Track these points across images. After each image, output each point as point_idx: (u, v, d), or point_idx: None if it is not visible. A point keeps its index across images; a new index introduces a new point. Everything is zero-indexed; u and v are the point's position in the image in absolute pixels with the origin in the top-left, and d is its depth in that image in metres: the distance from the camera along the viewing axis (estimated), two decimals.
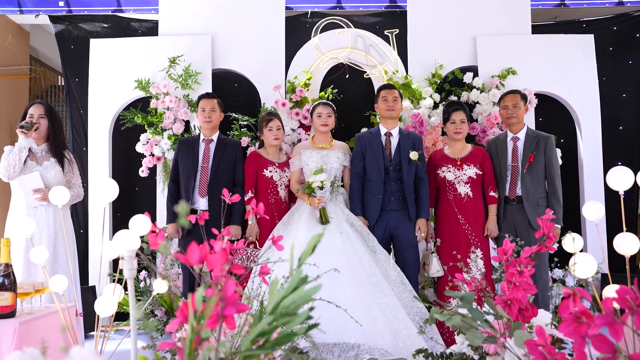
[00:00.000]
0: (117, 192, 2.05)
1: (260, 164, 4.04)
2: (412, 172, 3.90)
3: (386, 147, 3.95)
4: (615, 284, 1.73)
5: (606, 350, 1.08)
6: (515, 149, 3.96)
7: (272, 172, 4.03)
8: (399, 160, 3.90)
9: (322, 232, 1.11)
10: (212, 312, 1.05)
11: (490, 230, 3.88)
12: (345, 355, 2.95)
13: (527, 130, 3.99)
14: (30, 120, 3.58)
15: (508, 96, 4.06)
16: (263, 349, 1.00)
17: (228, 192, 2.29)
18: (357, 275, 3.39)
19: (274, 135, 4.07)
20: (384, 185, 3.88)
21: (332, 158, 3.99)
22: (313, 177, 3.78)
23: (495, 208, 3.91)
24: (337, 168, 4.00)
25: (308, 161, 3.99)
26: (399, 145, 3.93)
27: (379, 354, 3.01)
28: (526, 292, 1.66)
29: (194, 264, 1.09)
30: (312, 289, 1.00)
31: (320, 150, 4.01)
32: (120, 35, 5.15)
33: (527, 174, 3.86)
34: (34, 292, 2.34)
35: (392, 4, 5.27)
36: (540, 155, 3.87)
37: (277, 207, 4.01)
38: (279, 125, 4.11)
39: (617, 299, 1.15)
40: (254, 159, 4.08)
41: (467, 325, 1.55)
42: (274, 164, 4.06)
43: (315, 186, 3.71)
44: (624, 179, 2.04)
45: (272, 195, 4.01)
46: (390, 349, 3.05)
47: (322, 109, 4.06)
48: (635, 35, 5.29)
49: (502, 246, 1.87)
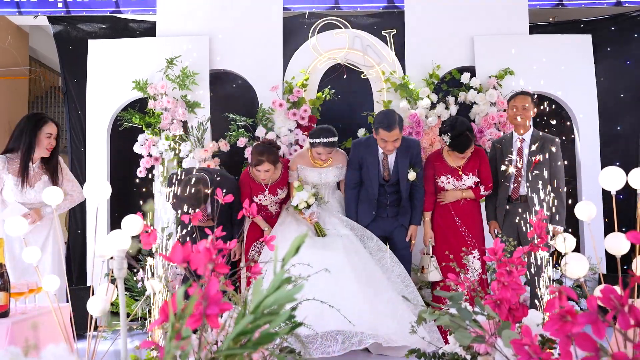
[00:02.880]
0: (109, 193, 2.05)
1: (253, 190, 3.94)
2: (409, 185, 3.89)
3: (384, 167, 3.88)
4: (607, 284, 1.73)
5: (589, 348, 1.08)
6: (520, 150, 3.95)
7: (263, 199, 3.96)
8: (397, 179, 3.87)
9: (306, 231, 1.11)
10: (195, 311, 1.05)
11: (443, 197, 3.87)
12: (349, 342, 2.99)
13: (533, 131, 3.97)
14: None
15: (519, 97, 4.01)
16: (245, 348, 1.01)
17: (221, 192, 2.32)
18: (358, 271, 3.44)
19: (262, 177, 3.88)
20: (379, 196, 3.89)
21: (330, 175, 3.98)
22: (296, 197, 3.77)
23: (469, 193, 3.87)
24: (333, 181, 4.03)
25: (305, 177, 3.97)
26: (397, 161, 3.86)
27: (383, 340, 3.05)
28: (515, 292, 1.67)
29: (178, 263, 1.09)
30: (294, 289, 1.00)
31: (319, 168, 3.97)
32: (118, 36, 5.17)
33: (532, 174, 3.85)
34: (27, 292, 2.34)
35: (389, 5, 5.28)
36: (546, 157, 3.86)
37: (268, 218, 4.02)
38: (267, 169, 3.81)
39: (602, 298, 1.16)
40: (248, 185, 3.95)
41: (456, 325, 1.56)
42: (263, 191, 3.95)
43: (302, 207, 3.73)
44: (616, 179, 2.04)
45: (262, 211, 4.00)
46: (394, 336, 3.08)
47: (322, 149, 3.82)
48: (633, 36, 5.29)
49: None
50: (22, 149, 3.35)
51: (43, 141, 3.37)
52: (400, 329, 3.13)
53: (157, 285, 2.46)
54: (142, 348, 1.34)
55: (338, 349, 2.99)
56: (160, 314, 1.00)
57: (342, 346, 3.00)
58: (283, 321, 0.99)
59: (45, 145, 3.38)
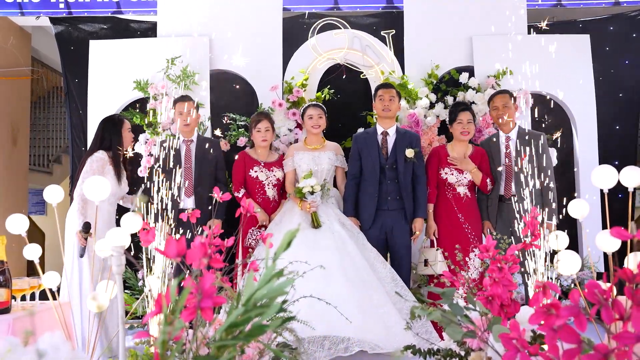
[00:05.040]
0: (108, 191, 2.09)
1: (247, 164, 4.10)
2: (409, 170, 3.91)
3: (382, 146, 3.96)
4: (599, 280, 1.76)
5: (572, 340, 1.11)
6: (508, 148, 3.99)
7: (258, 172, 4.07)
8: (395, 159, 3.90)
9: (297, 227, 1.14)
10: (189, 305, 1.09)
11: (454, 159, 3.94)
12: (335, 348, 2.98)
13: (519, 129, 4.02)
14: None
15: (497, 97, 4.08)
16: (237, 340, 1.04)
17: (219, 190, 2.35)
18: (348, 272, 3.42)
19: (262, 137, 4.11)
20: (380, 184, 3.89)
21: (323, 159, 4.02)
22: (303, 181, 3.82)
23: (479, 175, 3.93)
24: (328, 169, 4.04)
25: (300, 162, 4.03)
26: (396, 144, 3.94)
27: (369, 347, 3.04)
28: (506, 288, 1.69)
29: (172, 257, 1.12)
30: (284, 282, 1.03)
31: (311, 151, 4.05)
32: (119, 37, 5.21)
33: (521, 172, 3.89)
34: (28, 288, 2.38)
35: (388, 5, 5.31)
36: (533, 154, 3.90)
37: (265, 206, 4.05)
38: (267, 127, 4.12)
39: (586, 293, 1.19)
40: (242, 159, 4.14)
41: (447, 320, 1.58)
42: (259, 164, 4.10)
43: (306, 191, 3.75)
44: (608, 178, 2.06)
45: (259, 195, 4.07)
46: (381, 343, 3.08)
47: (312, 110, 4.09)
48: (631, 35, 5.31)
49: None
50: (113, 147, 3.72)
51: (127, 137, 3.80)
52: (387, 336, 3.13)
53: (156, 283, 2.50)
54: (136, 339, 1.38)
55: (324, 354, 2.96)
56: (155, 306, 1.04)
57: (327, 352, 2.97)
58: (274, 313, 1.02)
59: (129, 140, 3.84)
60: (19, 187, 6.50)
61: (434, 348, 2.19)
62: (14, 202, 6.24)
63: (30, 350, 0.87)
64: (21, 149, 6.53)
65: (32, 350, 0.85)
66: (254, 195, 4.06)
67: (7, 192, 6.17)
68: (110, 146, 3.70)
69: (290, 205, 3.96)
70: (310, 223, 3.74)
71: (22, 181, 6.62)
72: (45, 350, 0.76)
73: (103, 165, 3.61)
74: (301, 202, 3.79)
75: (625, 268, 1.16)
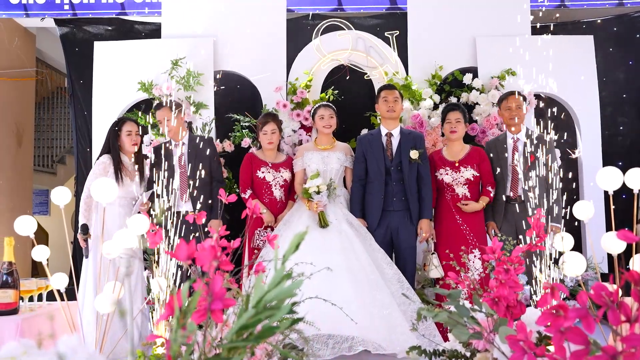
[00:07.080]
0: (116, 193, 2.10)
1: (254, 165, 4.10)
2: (414, 171, 3.92)
3: (387, 148, 3.97)
4: (605, 282, 1.76)
5: (580, 342, 1.12)
6: (515, 149, 3.99)
7: (265, 172, 4.08)
8: (400, 160, 3.91)
9: (305, 230, 1.15)
10: (200, 307, 1.10)
11: (467, 207, 3.90)
12: (339, 347, 3.00)
13: (526, 130, 4.02)
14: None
15: (511, 97, 4.06)
16: (247, 341, 1.05)
17: (225, 193, 2.36)
18: (354, 272, 3.44)
19: (268, 139, 4.11)
20: (385, 186, 3.90)
21: (333, 159, 4.03)
22: (309, 182, 3.84)
23: (486, 200, 3.94)
24: (338, 169, 4.05)
25: (309, 162, 4.05)
26: (400, 145, 3.95)
27: (372, 347, 3.06)
28: (512, 290, 1.70)
29: (183, 259, 1.13)
30: (293, 284, 1.04)
31: (321, 151, 4.07)
32: (123, 38, 5.23)
33: (528, 173, 3.88)
34: (36, 289, 2.39)
35: (392, 6, 5.32)
36: (540, 155, 3.90)
37: (272, 207, 4.06)
38: (274, 129, 4.12)
39: (593, 295, 1.19)
40: (249, 161, 4.15)
41: (453, 322, 1.59)
42: (267, 165, 4.11)
43: (312, 191, 3.77)
44: (613, 179, 2.07)
45: (266, 195, 4.08)
46: (383, 343, 3.10)
47: (324, 111, 4.11)
48: (635, 36, 5.31)
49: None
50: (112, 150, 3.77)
51: (125, 140, 3.79)
52: (390, 336, 3.15)
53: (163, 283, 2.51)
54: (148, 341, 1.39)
55: (328, 353, 3.00)
56: (167, 308, 1.05)
57: (331, 350, 3.01)
58: (283, 315, 1.03)
59: (129, 142, 3.80)
60: (24, 187, 6.53)
61: (439, 349, 2.20)
62: (18, 202, 6.26)
63: (45, 353, 0.88)
64: (26, 149, 6.56)
65: (47, 352, 0.86)
66: (261, 196, 4.06)
67: (12, 192, 6.19)
68: (110, 150, 3.77)
69: (299, 205, 3.98)
70: (318, 222, 3.76)
71: (27, 182, 6.64)
72: (65, 353, 0.77)
73: (105, 169, 3.68)
74: (308, 202, 3.82)
75: (632, 270, 1.17)
